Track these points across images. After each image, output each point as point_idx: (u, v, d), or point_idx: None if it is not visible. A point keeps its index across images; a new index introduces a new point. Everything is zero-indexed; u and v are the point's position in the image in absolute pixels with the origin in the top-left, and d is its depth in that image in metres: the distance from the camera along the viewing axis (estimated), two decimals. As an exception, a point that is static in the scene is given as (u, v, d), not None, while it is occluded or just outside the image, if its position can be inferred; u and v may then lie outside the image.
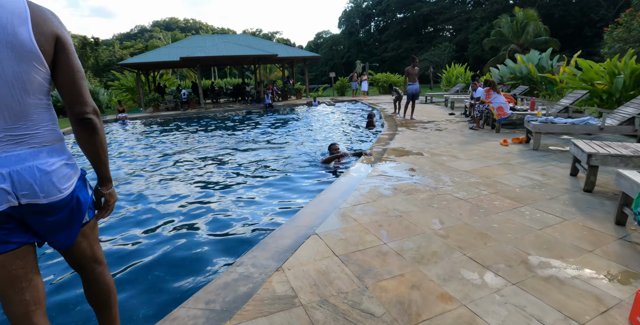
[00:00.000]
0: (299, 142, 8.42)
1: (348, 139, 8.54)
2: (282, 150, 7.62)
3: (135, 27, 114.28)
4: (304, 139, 8.96)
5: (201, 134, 10.86)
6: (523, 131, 7.62)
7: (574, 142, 4.19)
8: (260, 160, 6.80)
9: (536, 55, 11.91)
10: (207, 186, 5.34)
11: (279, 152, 7.38)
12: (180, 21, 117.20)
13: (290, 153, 7.21)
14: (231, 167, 6.35)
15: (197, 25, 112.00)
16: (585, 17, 37.08)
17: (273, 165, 6.33)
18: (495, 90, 7.43)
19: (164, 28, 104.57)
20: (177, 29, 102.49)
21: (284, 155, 7.02)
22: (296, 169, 5.92)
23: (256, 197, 4.72)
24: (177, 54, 20.84)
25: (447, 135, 7.38)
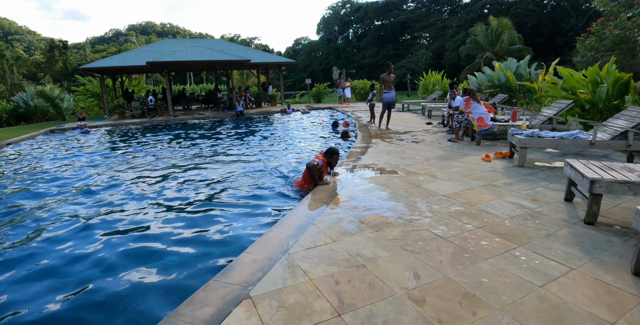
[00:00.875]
0: (265, 157, 7.62)
1: (320, 152, 7.80)
2: (243, 166, 6.80)
3: (110, 30, 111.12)
4: (271, 153, 8.17)
5: (162, 145, 9.91)
6: (505, 143, 7.08)
7: (570, 162, 3.57)
8: (213, 180, 5.96)
9: (514, 62, 11.56)
10: (142, 212, 4.47)
11: (238, 169, 6.56)
12: (157, 25, 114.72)
13: (251, 170, 6.40)
14: (179, 189, 5.49)
15: (174, 30, 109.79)
16: (556, 26, 37.95)
17: (228, 186, 5.51)
18: (475, 100, 6.87)
19: (140, 32, 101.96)
20: (153, 33, 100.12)
21: (243, 174, 6.20)
22: (254, 192, 5.12)
23: (196, 231, 3.90)
24: (145, 58, 19.76)
25: (425, 148, 6.74)
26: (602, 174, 3.18)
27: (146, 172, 6.70)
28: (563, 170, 3.85)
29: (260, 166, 6.60)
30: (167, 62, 18.20)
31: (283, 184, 5.31)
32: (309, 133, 10.69)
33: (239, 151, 8.43)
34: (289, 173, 5.95)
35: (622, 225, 3.20)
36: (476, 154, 6.15)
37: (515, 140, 5.25)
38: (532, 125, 6.65)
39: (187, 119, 17.18)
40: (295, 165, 6.44)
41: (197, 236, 3.76)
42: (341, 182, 4.68)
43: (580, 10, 38.97)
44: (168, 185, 5.64)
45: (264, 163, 6.89)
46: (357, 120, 11.79)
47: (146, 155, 8.39)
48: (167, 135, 12.04)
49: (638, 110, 5.10)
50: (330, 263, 2.62)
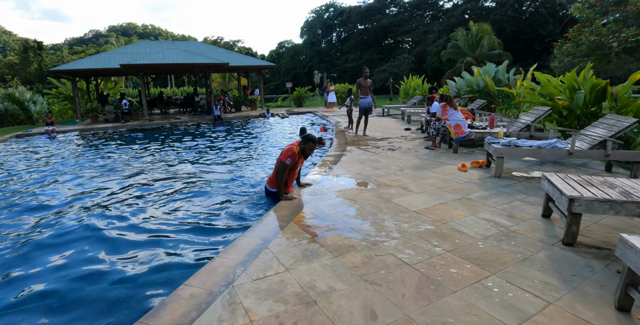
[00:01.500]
0: (234, 166, 7.23)
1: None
2: (207, 177, 6.39)
3: (90, 31, 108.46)
4: (241, 161, 7.77)
5: (127, 151, 9.39)
6: (482, 151, 6.88)
7: (547, 177, 3.32)
8: (171, 192, 5.55)
9: (492, 67, 11.48)
10: (74, 232, 4.03)
11: (202, 180, 6.15)
12: (138, 27, 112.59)
13: (216, 181, 6.01)
14: (129, 204, 5.06)
15: (156, 32, 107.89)
16: (534, 32, 38.70)
17: (186, 199, 5.11)
18: (452, 106, 6.64)
19: (120, 33, 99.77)
20: (134, 34, 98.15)
21: (206, 184, 5.80)
22: (214, 207, 4.74)
23: (134, 257, 3.50)
24: (120, 61, 19.11)
25: (401, 156, 6.47)
26: (581, 190, 2.93)
27: (99, 182, 6.23)
28: (540, 183, 3.60)
29: (226, 176, 6.21)
30: (142, 64, 17.62)
31: (247, 197, 4.94)
32: (285, 139, 10.33)
33: (207, 159, 8.02)
34: (257, 183, 5.59)
35: (602, 245, 2.95)
36: (452, 162, 5.90)
37: (491, 149, 5.01)
38: (510, 133, 6.47)
39: (162, 123, 16.61)
40: (264, 176, 6.07)
41: (134, 262, 3.35)
42: (307, 196, 4.34)
43: (557, 16, 39.85)
44: (116, 199, 5.19)
45: (231, 173, 6.50)
46: (335, 126, 11.50)
47: (106, 163, 7.89)
48: (137, 140, 11.50)
49: (616, 119, 4.93)
50: (278, 299, 2.27)
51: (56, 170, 7.35)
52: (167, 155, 8.69)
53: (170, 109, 24.13)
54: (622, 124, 4.69)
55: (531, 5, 40.77)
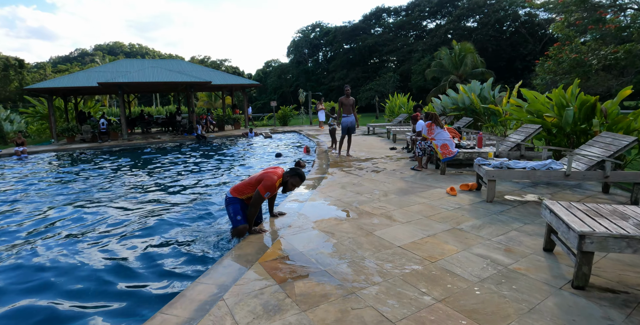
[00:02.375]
0: (202, 192, 6.67)
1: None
2: (169, 205, 5.83)
3: (76, 50, 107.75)
4: (211, 186, 7.19)
5: (99, 173, 8.76)
6: (471, 171, 6.49)
7: (549, 206, 2.90)
8: (123, 225, 4.97)
9: (477, 85, 11.32)
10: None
11: (162, 208, 5.59)
12: (125, 46, 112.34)
13: (177, 210, 5.45)
14: (63, 243, 4.47)
15: (143, 51, 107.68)
16: (515, 51, 39.64)
17: (138, 233, 4.54)
18: (438, 125, 6.29)
19: (107, 52, 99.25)
20: (121, 53, 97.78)
21: (165, 211, 5.24)
22: (169, 243, 4.18)
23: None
24: (99, 79, 18.64)
25: (385, 179, 6.03)
26: (591, 223, 2.50)
27: (45, 207, 5.61)
28: (540, 213, 3.19)
29: (192, 205, 5.62)
30: (121, 83, 17.17)
31: (212, 230, 4.39)
32: (264, 161, 9.83)
33: (176, 182, 7.43)
34: (224, 213, 5.05)
35: (618, 287, 2.51)
36: (440, 185, 5.49)
37: (482, 172, 4.61)
38: (500, 152, 6.12)
39: (140, 143, 15.99)
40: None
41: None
42: (279, 228, 3.83)
43: (536, 36, 40.99)
44: (51, 236, 4.58)
45: (196, 200, 5.91)
46: (318, 146, 11.09)
47: (65, 187, 7.26)
48: (110, 162, 10.87)
49: (612, 137, 4.60)
50: (222, 380, 1.74)
51: (13, 193, 6.70)
52: (135, 178, 8.10)
53: (152, 128, 23.55)
54: (620, 143, 4.35)
55: (511, 26, 41.92)
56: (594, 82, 19.05)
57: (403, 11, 51.03)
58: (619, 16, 18.91)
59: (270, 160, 9.84)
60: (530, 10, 40.99)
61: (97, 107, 27.48)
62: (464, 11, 43.15)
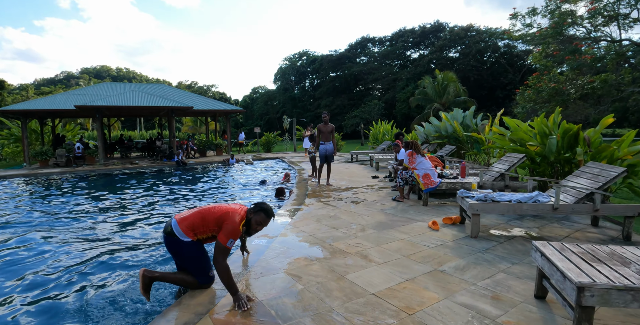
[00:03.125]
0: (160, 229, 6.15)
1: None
2: (116, 245, 5.31)
3: (62, 72, 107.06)
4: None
5: (61, 201, 8.14)
6: (455, 203, 6.18)
7: (540, 249, 2.56)
8: (51, 272, 4.44)
9: (460, 113, 11.28)
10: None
11: (107, 249, 5.07)
12: (112, 69, 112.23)
13: (125, 252, 4.94)
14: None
15: (130, 75, 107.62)
16: (496, 80, 40.89)
17: (70, 281, 4.02)
18: (419, 153, 6.03)
19: (93, 76, 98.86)
20: (108, 77, 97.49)
21: (108, 252, 4.72)
22: (106, 296, 3.67)
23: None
24: (77, 102, 18.21)
25: (364, 211, 5.66)
26: (589, 271, 2.16)
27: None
28: (530, 254, 2.84)
29: (149, 243, 5.10)
30: (100, 106, 16.73)
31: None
32: (240, 190, 9.37)
33: (131, 217, 6.74)
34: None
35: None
36: (422, 218, 5.13)
37: (466, 205, 4.29)
38: (483, 183, 5.85)
39: (116, 169, 15.37)
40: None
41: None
42: (240, 271, 3.39)
43: (516, 66, 42.49)
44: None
45: (152, 239, 5.39)
46: (299, 174, 10.72)
47: (18, 216, 6.65)
48: (75, 189, 10.24)
49: (600, 167, 4.37)
50: None
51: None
52: (94, 208, 7.51)
53: (132, 153, 22.95)
54: (609, 174, 4.11)
55: (492, 56, 43.48)
56: (572, 110, 19.46)
57: (387, 41, 52.65)
58: (593, 48, 19.63)
59: (253, 188, 9.40)
60: (509, 42, 42.77)
61: (75, 131, 26.79)
62: (445, 42, 44.69)
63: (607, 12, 18.88)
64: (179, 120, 53.84)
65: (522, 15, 21.74)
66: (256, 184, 9.98)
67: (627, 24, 20.19)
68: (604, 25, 19.91)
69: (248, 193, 8.70)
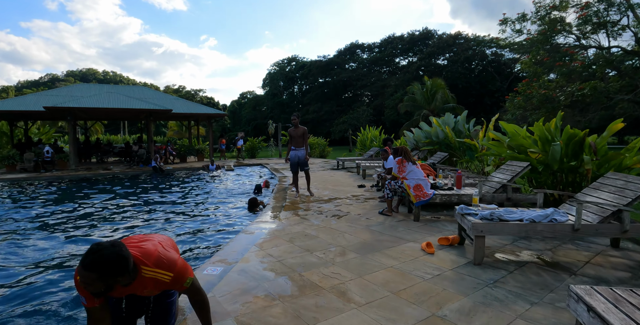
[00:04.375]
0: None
1: (199, 237, 5.31)
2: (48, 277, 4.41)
3: (46, 75, 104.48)
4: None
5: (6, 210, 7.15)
6: (451, 216, 5.43)
7: (584, 298, 1.80)
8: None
9: (451, 118, 10.63)
10: None
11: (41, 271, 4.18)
12: (98, 73, 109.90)
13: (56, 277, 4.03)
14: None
15: (117, 78, 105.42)
16: (483, 88, 40.81)
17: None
18: (410, 160, 5.28)
19: (79, 79, 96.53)
20: (94, 80, 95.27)
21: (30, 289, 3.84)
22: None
23: None
24: (49, 103, 17.10)
25: (347, 228, 4.86)
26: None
27: None
28: (569, 306, 2.08)
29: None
30: (71, 108, 15.67)
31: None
32: (216, 199, 8.49)
33: (76, 231, 5.90)
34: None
35: None
36: (414, 237, 4.36)
37: (467, 224, 3.54)
38: (483, 195, 5.12)
39: (87, 175, 14.31)
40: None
41: None
42: (178, 319, 2.55)
43: (503, 74, 42.54)
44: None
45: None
46: (280, 182, 9.89)
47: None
48: (31, 197, 9.23)
49: (625, 179, 3.67)
50: None
51: None
52: (33, 224, 6.56)
53: (110, 157, 21.83)
54: (638, 188, 3.40)
55: (479, 64, 43.48)
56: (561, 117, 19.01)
57: (376, 48, 52.41)
58: (582, 54, 19.42)
59: (223, 200, 8.53)
60: (496, 50, 42.88)
61: (50, 133, 25.47)
62: (434, 49, 44.60)
63: (597, 18, 18.66)
64: (164, 125, 52.54)
65: (512, 21, 21.46)
66: (233, 193, 9.12)
67: (615, 31, 20.00)
68: (592, 32, 19.72)
69: (215, 206, 7.76)
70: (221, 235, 5.22)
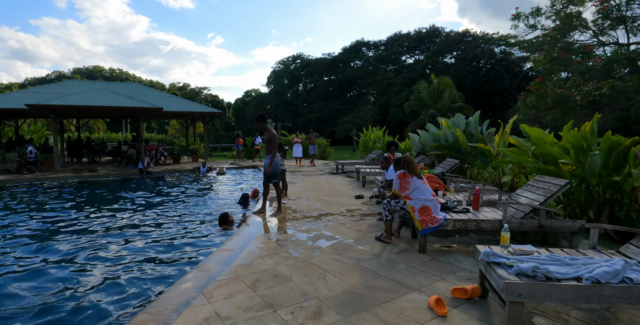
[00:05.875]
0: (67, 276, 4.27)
1: (132, 280, 3.99)
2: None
3: (53, 72, 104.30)
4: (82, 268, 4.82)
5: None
6: (466, 248, 4.33)
7: None
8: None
9: (462, 119, 9.49)
10: None
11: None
12: (105, 70, 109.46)
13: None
14: None
15: (123, 76, 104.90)
16: (492, 87, 39.40)
17: None
18: (414, 174, 4.17)
19: (86, 76, 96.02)
20: (100, 77, 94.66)
21: None
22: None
23: None
24: (35, 100, 16.18)
25: (332, 263, 3.78)
26: None
27: None
28: None
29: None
30: (55, 106, 14.74)
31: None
32: (188, 211, 7.44)
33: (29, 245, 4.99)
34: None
35: None
36: (419, 282, 3.27)
37: (497, 282, 2.43)
38: (508, 220, 4.00)
39: (68, 177, 13.35)
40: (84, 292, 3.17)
41: None
42: None
43: (512, 72, 41.07)
44: None
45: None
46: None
47: None
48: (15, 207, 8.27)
49: None
50: None
51: None
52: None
53: (100, 157, 20.91)
54: None
55: (487, 63, 42.05)
56: (572, 118, 18.05)
57: (382, 45, 51.13)
58: (604, 50, 18.15)
59: (205, 209, 7.49)
60: (505, 48, 41.40)
61: (42, 132, 24.58)
62: (441, 47, 43.24)
63: (617, 13, 17.32)
64: (167, 123, 51.61)
65: (525, 16, 20.14)
66: (213, 204, 8.08)
67: (636, 27, 18.61)
68: (611, 28, 18.38)
69: (181, 228, 6.52)
70: (167, 271, 4.13)
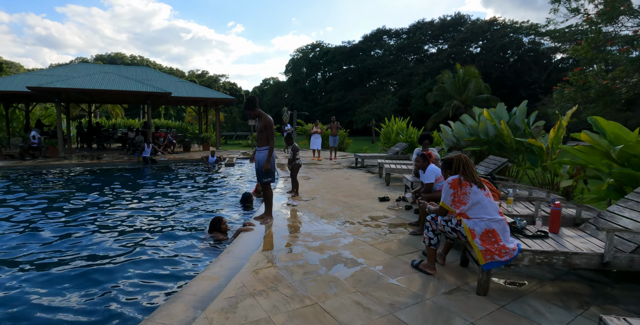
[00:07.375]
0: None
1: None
2: None
3: (76, 59, 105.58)
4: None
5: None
6: (540, 278, 3.13)
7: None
8: None
9: (504, 110, 8.14)
10: None
11: None
12: (126, 57, 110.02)
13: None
14: None
15: (143, 63, 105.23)
16: (519, 78, 37.20)
17: None
18: (474, 181, 2.96)
19: (108, 62, 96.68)
20: (121, 64, 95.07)
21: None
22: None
23: None
24: (40, 83, 15.45)
25: (355, 311, 2.60)
26: None
27: None
28: None
29: None
30: (58, 88, 13.92)
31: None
32: (185, 216, 6.40)
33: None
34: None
35: None
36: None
37: None
38: (610, 259, 2.77)
39: (69, 165, 12.57)
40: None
41: None
42: None
43: (541, 64, 38.66)
44: None
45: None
46: (278, 186, 7.70)
47: None
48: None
49: None
50: None
51: None
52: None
53: (110, 143, 20.25)
54: None
55: (515, 53, 39.68)
56: (623, 113, 16.46)
57: (404, 34, 49.04)
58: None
59: (201, 211, 6.45)
60: (534, 38, 38.81)
61: (54, 116, 24.03)
62: (467, 35, 41.01)
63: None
64: (184, 110, 51.04)
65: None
66: (213, 203, 7.03)
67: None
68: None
69: (166, 242, 5.52)
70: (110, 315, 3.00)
